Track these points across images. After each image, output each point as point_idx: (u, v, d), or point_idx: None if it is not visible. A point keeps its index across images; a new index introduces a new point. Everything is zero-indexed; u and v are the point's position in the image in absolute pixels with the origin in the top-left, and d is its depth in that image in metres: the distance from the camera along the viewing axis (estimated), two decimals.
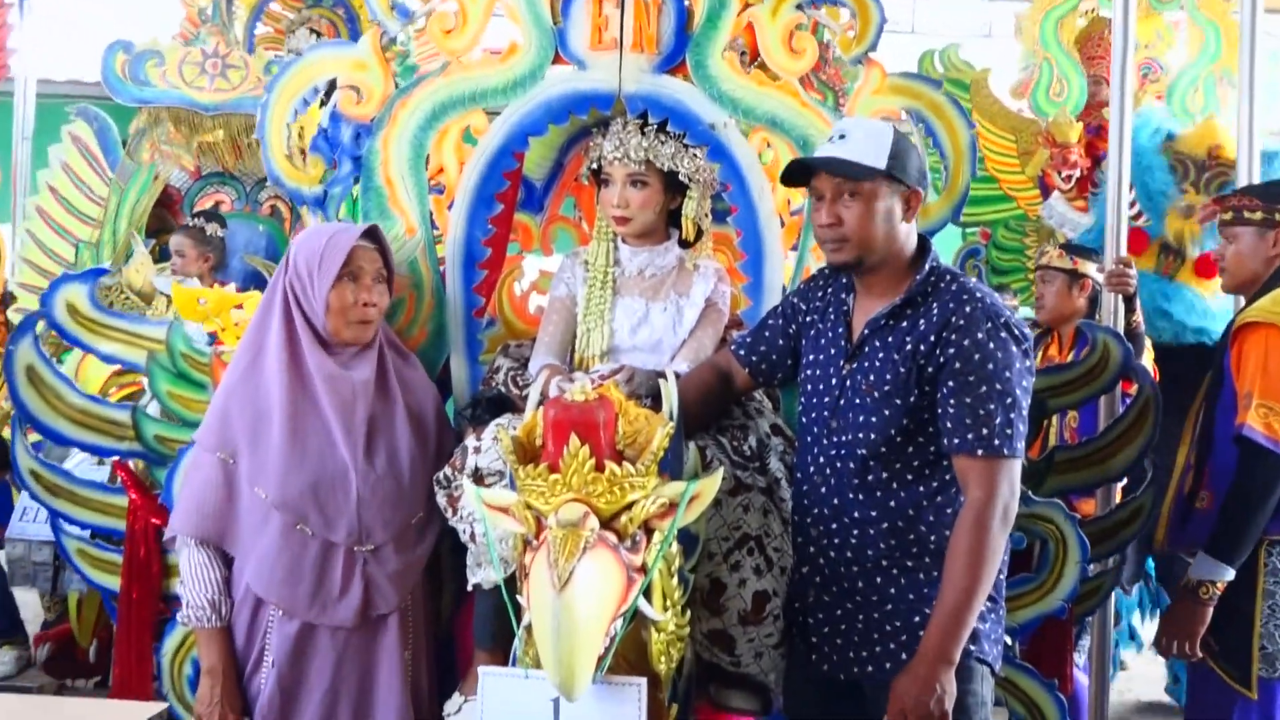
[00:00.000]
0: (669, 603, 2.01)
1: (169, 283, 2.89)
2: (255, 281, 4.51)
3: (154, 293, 4.17)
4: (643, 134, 2.56)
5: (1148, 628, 4.55)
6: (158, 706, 1.61)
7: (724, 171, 2.63)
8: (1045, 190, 5.88)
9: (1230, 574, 2.73)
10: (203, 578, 2.40)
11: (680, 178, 2.58)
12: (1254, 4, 3.47)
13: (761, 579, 2.31)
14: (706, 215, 2.70)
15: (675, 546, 2.01)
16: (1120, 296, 3.43)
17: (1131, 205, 4.28)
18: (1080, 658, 3.76)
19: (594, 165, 2.63)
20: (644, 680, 1.93)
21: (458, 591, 2.65)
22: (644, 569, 1.89)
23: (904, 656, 2.20)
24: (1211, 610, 2.75)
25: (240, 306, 2.85)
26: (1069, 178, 5.70)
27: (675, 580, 2.04)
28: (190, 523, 2.39)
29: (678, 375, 2.35)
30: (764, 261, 2.67)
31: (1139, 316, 3.65)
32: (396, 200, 2.69)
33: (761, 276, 2.67)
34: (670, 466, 2.03)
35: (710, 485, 1.94)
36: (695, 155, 2.59)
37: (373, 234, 2.49)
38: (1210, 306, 4.28)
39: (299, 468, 2.35)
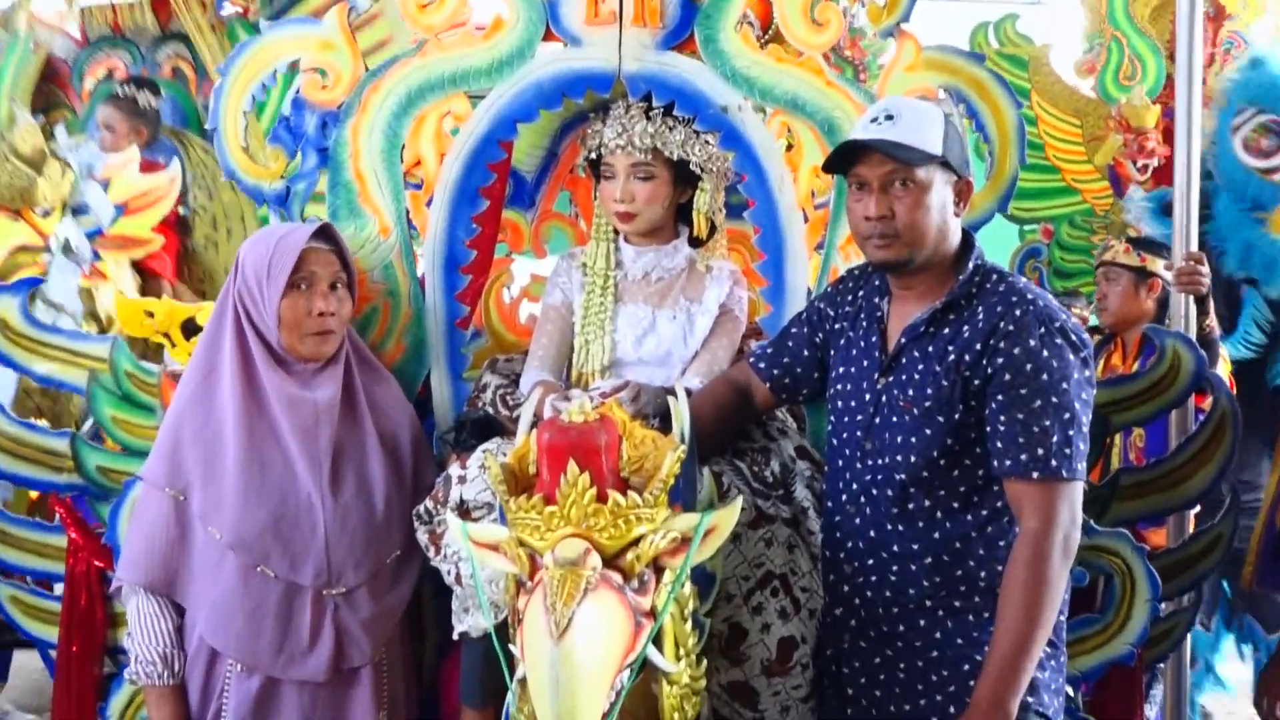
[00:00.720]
0: (682, 651, 1.99)
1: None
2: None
3: (44, 159, 4.10)
4: (648, 118, 2.55)
5: (1232, 667, 4.51)
6: None
7: (739, 160, 2.63)
8: (1116, 182, 5.83)
9: None
10: (152, 629, 2.38)
11: (691, 168, 2.57)
12: None
13: (787, 623, 2.29)
14: (720, 210, 2.69)
15: (689, 587, 1.99)
16: (1192, 298, 3.42)
17: None
18: (1152, 710, 3.73)
19: (593, 155, 2.62)
20: None
21: (441, 641, 2.64)
22: (653, 613, 1.87)
23: (952, 710, 2.18)
24: None
25: (193, 319, 2.85)
26: (1145, 168, 5.66)
27: (689, 625, 2.02)
28: (138, 569, 2.37)
29: (689, 392, 2.33)
30: (785, 261, 2.66)
31: (1213, 320, 3.64)
32: (368, 197, 2.68)
33: (783, 278, 2.66)
34: (682, 496, 2.02)
35: (728, 517, 1.93)
36: (707, 142, 2.58)
37: (327, 234, 2.48)
38: None
39: (257, 502, 2.34)
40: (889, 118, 2.21)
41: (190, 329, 2.89)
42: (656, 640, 1.89)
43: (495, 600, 2.20)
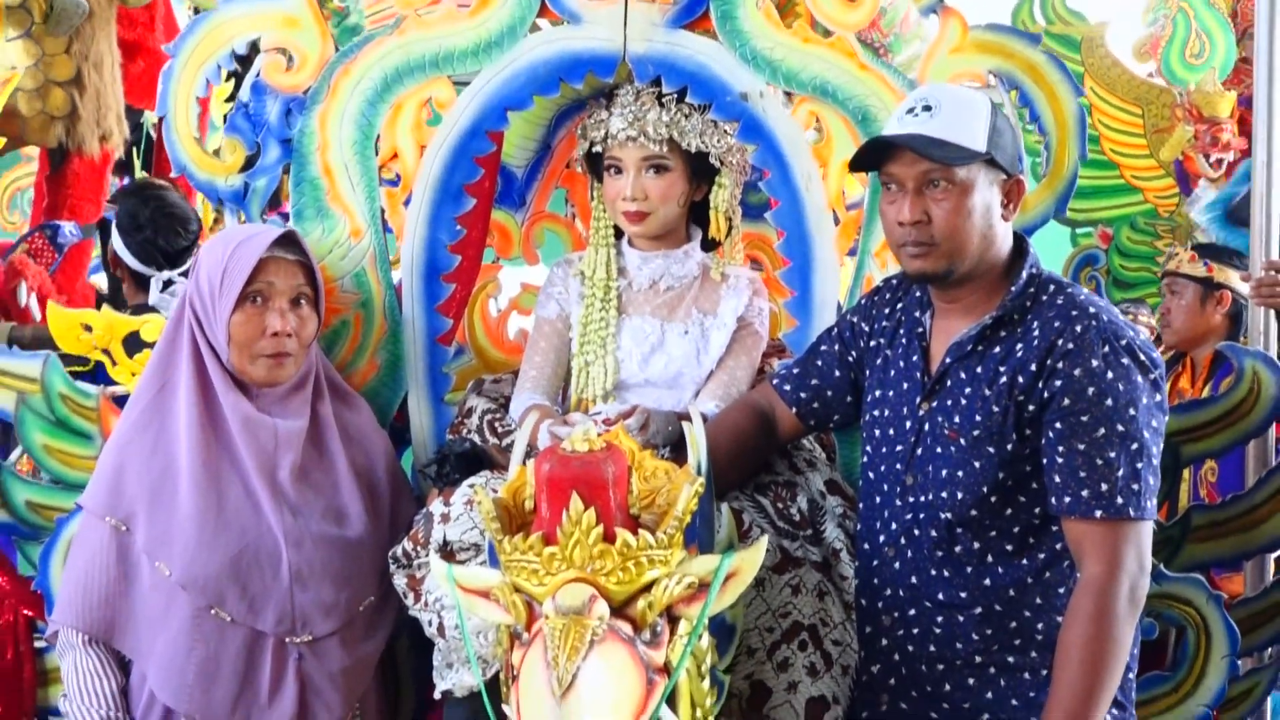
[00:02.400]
0: (699, 713, 1.98)
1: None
2: None
3: None
4: (661, 106, 2.57)
5: None
6: None
7: (761, 154, 2.64)
8: (1183, 179, 5.80)
9: None
10: (92, 689, 2.38)
11: (710, 161, 2.59)
12: None
13: (817, 681, 2.29)
14: (737, 210, 2.71)
15: (706, 639, 2.00)
16: (1272, 312, 3.44)
17: None
18: None
19: (595, 148, 2.63)
20: None
21: (420, 702, 2.65)
22: (667, 669, 1.87)
23: None
24: None
25: (137, 333, 2.84)
26: (1219, 163, 5.64)
27: (706, 683, 2.02)
28: (73, 611, 2.37)
29: (705, 418, 2.34)
30: (813, 269, 2.67)
31: None
32: (338, 194, 2.70)
33: (810, 288, 2.67)
34: (699, 536, 2.02)
35: (752, 559, 1.92)
36: (726, 133, 2.60)
37: (293, 242, 2.48)
38: None
39: (213, 537, 2.35)
40: (927, 109, 2.21)
41: (133, 344, 2.88)
42: (670, 700, 1.88)
43: (483, 655, 2.20)
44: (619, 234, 2.69)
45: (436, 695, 2.41)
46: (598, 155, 2.63)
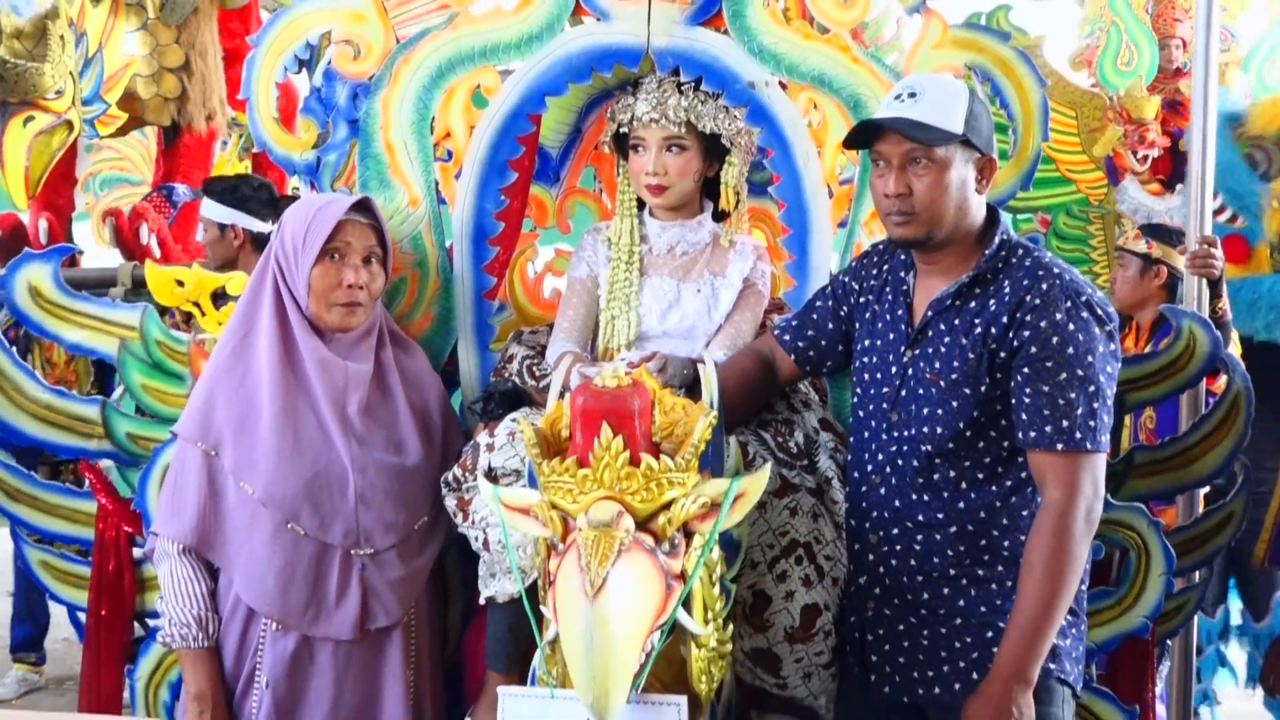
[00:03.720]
0: (710, 615, 1.97)
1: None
2: None
3: (43, 40, 3.98)
4: (680, 92, 2.53)
5: (1235, 653, 4.52)
6: None
7: (765, 136, 2.61)
8: (1113, 172, 5.81)
9: None
10: (187, 592, 2.37)
11: (722, 141, 2.55)
12: None
13: (811, 591, 2.28)
14: (744, 185, 2.68)
15: (717, 552, 1.98)
16: (1204, 281, 3.41)
17: (1219, 211, 4.25)
18: (1159, 686, 3.72)
19: (623, 129, 2.59)
20: (684, 699, 1.89)
21: (466, 606, 2.63)
22: (683, 576, 1.85)
23: (975, 676, 2.17)
24: None
25: (224, 288, 2.83)
26: (1145, 158, 5.64)
27: (717, 590, 2.00)
28: (170, 524, 2.36)
29: (715, 364, 2.32)
30: (810, 236, 2.64)
31: (1225, 303, 3.63)
32: (398, 168, 2.67)
33: (807, 253, 2.64)
34: (710, 463, 2.00)
35: (757, 483, 1.91)
36: (735, 117, 2.57)
37: (367, 208, 2.46)
38: None
39: (292, 461, 2.33)
40: (912, 95, 2.20)
41: (220, 298, 2.87)
42: (686, 604, 1.86)
43: (523, 565, 2.18)
44: (641, 205, 2.66)
45: (481, 601, 2.40)
46: (624, 136, 2.60)
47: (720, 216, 2.69)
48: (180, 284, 2.89)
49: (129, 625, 2.82)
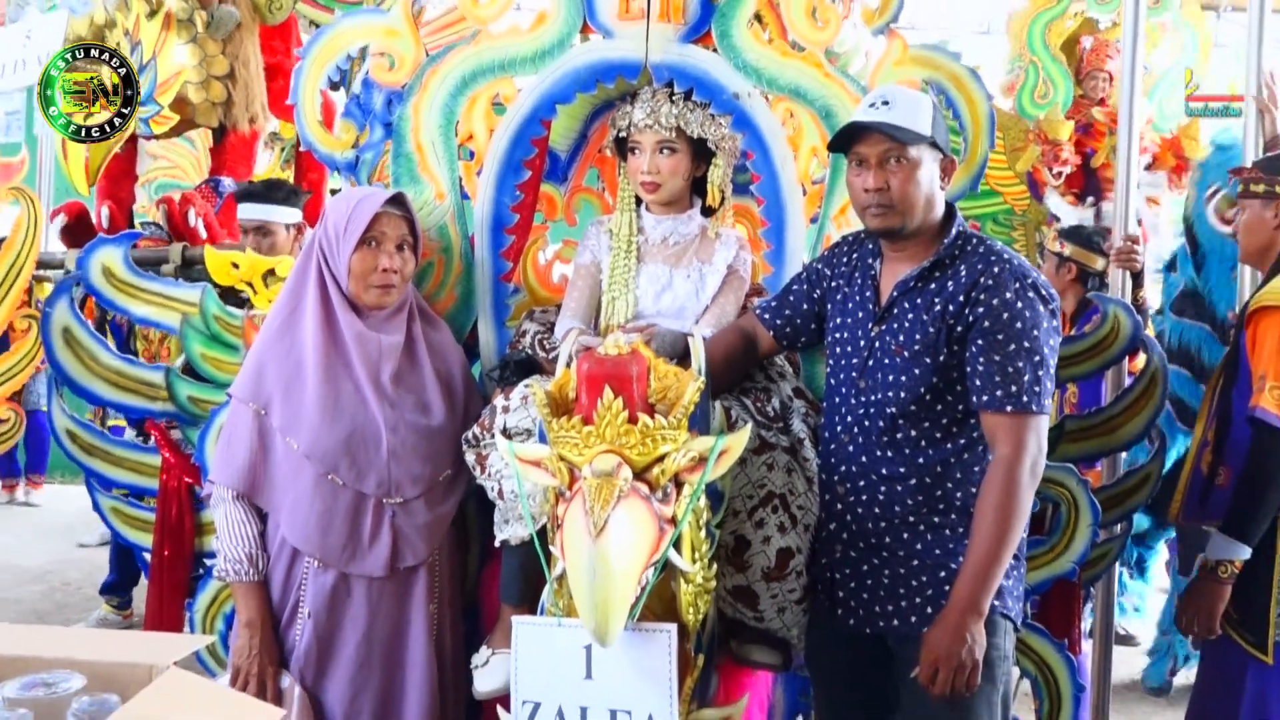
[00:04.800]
0: (697, 555, 1.96)
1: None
2: None
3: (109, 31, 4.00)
4: (672, 102, 2.51)
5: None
6: (200, 640, 1.58)
7: (748, 140, 2.58)
8: (1033, 185, 5.88)
9: (1247, 553, 2.67)
10: (239, 533, 2.36)
11: (708, 145, 2.53)
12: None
13: (785, 536, 2.26)
14: (729, 184, 2.67)
15: (703, 501, 1.97)
16: (1127, 273, 3.41)
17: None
18: (1084, 624, 3.73)
19: (621, 134, 2.57)
20: (674, 626, 1.90)
21: (483, 549, 2.63)
22: (674, 520, 1.85)
23: (929, 610, 2.16)
24: (1230, 588, 2.70)
25: (273, 270, 2.82)
26: (1059, 174, 5.73)
27: (703, 534, 2.00)
28: (224, 473, 2.35)
29: (704, 339, 2.31)
30: (786, 229, 2.61)
31: (1145, 293, 3.64)
32: (427, 166, 2.64)
33: (783, 243, 2.62)
34: (698, 424, 1.99)
35: (739, 440, 1.91)
36: (720, 123, 2.55)
37: (400, 201, 2.44)
38: None
39: (332, 420, 2.32)
40: (885, 103, 2.18)
41: (270, 278, 2.85)
42: (676, 545, 1.87)
43: (533, 512, 2.18)
44: (639, 201, 2.63)
45: (496, 544, 2.39)
46: (624, 140, 2.57)
47: (708, 212, 2.68)
48: (236, 266, 2.88)
49: (189, 564, 2.82)
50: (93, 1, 4.05)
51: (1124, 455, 3.29)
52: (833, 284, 2.39)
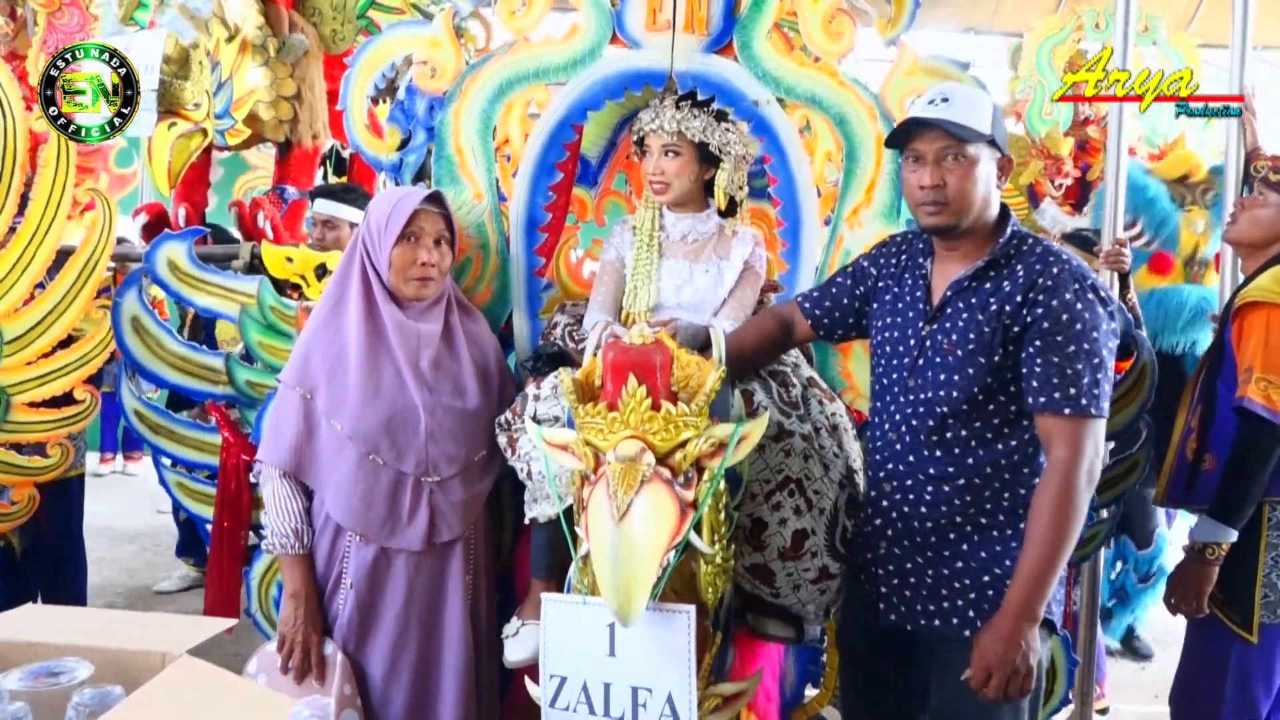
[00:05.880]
0: (716, 537, 1.79)
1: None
2: None
3: (187, 59, 3.86)
4: (677, 108, 2.32)
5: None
6: (216, 625, 1.42)
7: (767, 145, 2.40)
8: (1033, 197, 5.71)
9: (1234, 536, 2.48)
10: (285, 508, 2.20)
11: (711, 150, 2.34)
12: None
13: (801, 518, 2.08)
14: (741, 187, 2.46)
15: (723, 485, 1.80)
16: (1116, 274, 3.22)
17: (1135, 237, 4.09)
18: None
19: (636, 136, 2.40)
20: (693, 607, 1.72)
21: (516, 525, 2.46)
22: (695, 504, 1.68)
23: (971, 614, 1.93)
24: (1218, 569, 2.51)
25: (324, 264, 2.66)
26: (1060, 186, 5.58)
27: (722, 516, 1.83)
28: (272, 452, 2.20)
29: (724, 331, 2.12)
30: (801, 229, 2.43)
31: (1133, 295, 3.45)
32: (466, 168, 2.47)
33: (799, 242, 2.44)
34: (718, 411, 1.82)
35: (757, 427, 1.73)
36: (727, 129, 2.34)
37: (438, 199, 2.28)
38: None
39: (374, 404, 2.16)
40: (944, 100, 1.92)
41: (321, 272, 2.70)
42: (696, 527, 1.70)
43: (560, 492, 2.01)
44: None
45: (526, 521, 2.23)
46: (641, 141, 2.40)
47: (728, 213, 2.49)
48: (290, 260, 2.73)
49: (247, 535, 2.69)
50: (197, 24, 3.93)
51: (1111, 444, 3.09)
52: (879, 284, 2.13)
